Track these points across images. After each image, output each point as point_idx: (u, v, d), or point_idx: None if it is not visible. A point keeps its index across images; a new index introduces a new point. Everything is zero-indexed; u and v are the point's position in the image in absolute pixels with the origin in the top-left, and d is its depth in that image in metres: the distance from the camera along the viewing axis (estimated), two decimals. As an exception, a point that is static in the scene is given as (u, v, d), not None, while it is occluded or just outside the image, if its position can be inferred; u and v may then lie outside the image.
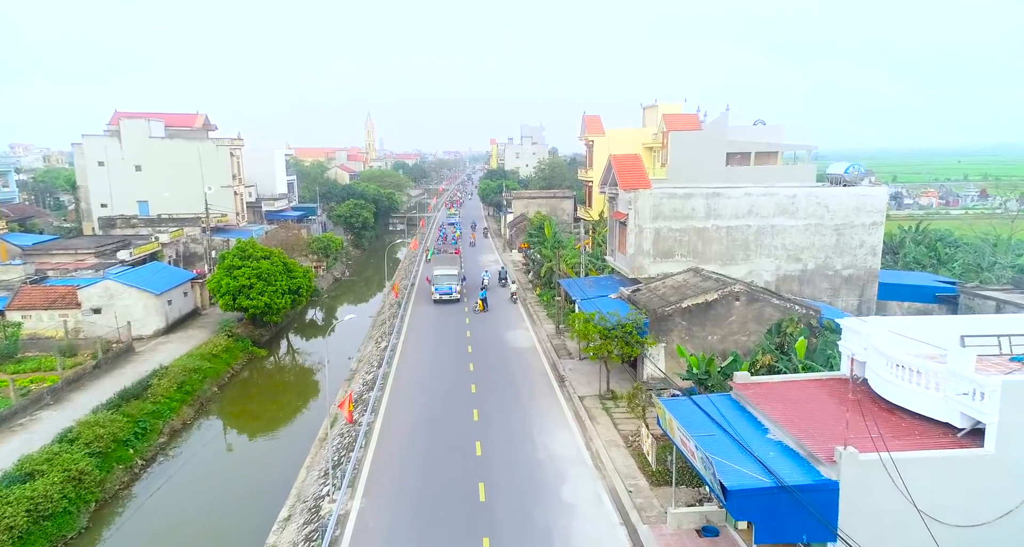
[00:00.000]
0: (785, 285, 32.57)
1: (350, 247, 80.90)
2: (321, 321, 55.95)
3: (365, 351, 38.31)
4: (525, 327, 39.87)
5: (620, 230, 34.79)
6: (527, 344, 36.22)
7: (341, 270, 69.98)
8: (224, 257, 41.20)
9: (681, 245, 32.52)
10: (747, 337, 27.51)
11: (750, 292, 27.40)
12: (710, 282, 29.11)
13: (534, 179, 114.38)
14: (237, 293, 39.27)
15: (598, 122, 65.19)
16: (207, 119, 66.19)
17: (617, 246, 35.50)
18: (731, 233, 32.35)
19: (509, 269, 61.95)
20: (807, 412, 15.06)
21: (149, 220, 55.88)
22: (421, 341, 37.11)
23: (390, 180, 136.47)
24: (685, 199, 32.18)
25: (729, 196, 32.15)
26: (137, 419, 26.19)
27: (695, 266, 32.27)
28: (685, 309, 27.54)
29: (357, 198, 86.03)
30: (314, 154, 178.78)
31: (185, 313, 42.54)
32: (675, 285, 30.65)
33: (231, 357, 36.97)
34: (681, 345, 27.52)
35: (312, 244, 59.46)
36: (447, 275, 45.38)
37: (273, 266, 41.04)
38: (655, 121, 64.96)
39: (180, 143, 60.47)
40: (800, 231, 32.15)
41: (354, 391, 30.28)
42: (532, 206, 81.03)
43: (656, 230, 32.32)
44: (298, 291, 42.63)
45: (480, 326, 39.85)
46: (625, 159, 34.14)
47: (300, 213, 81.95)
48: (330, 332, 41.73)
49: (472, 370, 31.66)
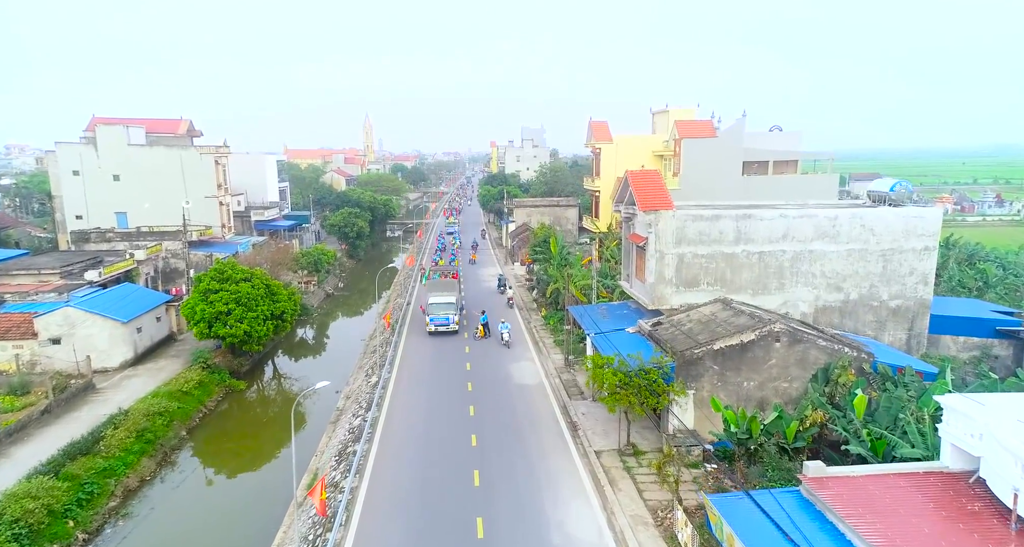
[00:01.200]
0: (824, 317, 28.99)
1: (344, 258, 77.31)
2: (312, 339, 52.41)
3: (354, 385, 34.66)
4: (530, 357, 36.24)
5: (638, 255, 31.20)
6: (534, 380, 32.59)
7: (334, 283, 66.39)
8: (200, 279, 37.56)
9: (708, 273, 28.93)
10: (788, 383, 23.89)
11: (792, 332, 23.77)
12: (743, 318, 25.49)
13: (535, 183, 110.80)
14: (213, 320, 35.63)
15: (605, 128, 61.60)
16: (192, 125, 62.56)
17: (634, 272, 31.90)
18: (764, 259, 28.76)
19: (511, 283, 58.69)
20: (914, 531, 11.45)
21: (126, 234, 52.21)
22: (415, 376, 33.48)
23: (387, 184, 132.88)
24: (712, 221, 28.58)
25: (762, 218, 28.55)
26: (83, 481, 22.55)
27: (723, 297, 28.67)
28: (717, 352, 23.91)
29: (352, 206, 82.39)
30: (311, 156, 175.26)
31: (158, 340, 38.89)
32: (702, 319, 27.05)
33: (205, 393, 33.32)
34: (713, 393, 23.93)
35: (301, 259, 55.77)
36: (444, 303, 40.15)
37: (254, 289, 37.41)
38: (666, 127, 61.41)
39: (161, 151, 56.82)
40: (842, 257, 28.56)
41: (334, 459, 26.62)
42: (535, 215, 77.37)
43: (680, 256, 28.74)
44: (282, 316, 39.00)
45: (482, 357, 36.21)
46: (644, 176, 30.54)
47: (292, 222, 78.38)
48: (297, 405, 37.09)
49: (473, 415, 28.02)
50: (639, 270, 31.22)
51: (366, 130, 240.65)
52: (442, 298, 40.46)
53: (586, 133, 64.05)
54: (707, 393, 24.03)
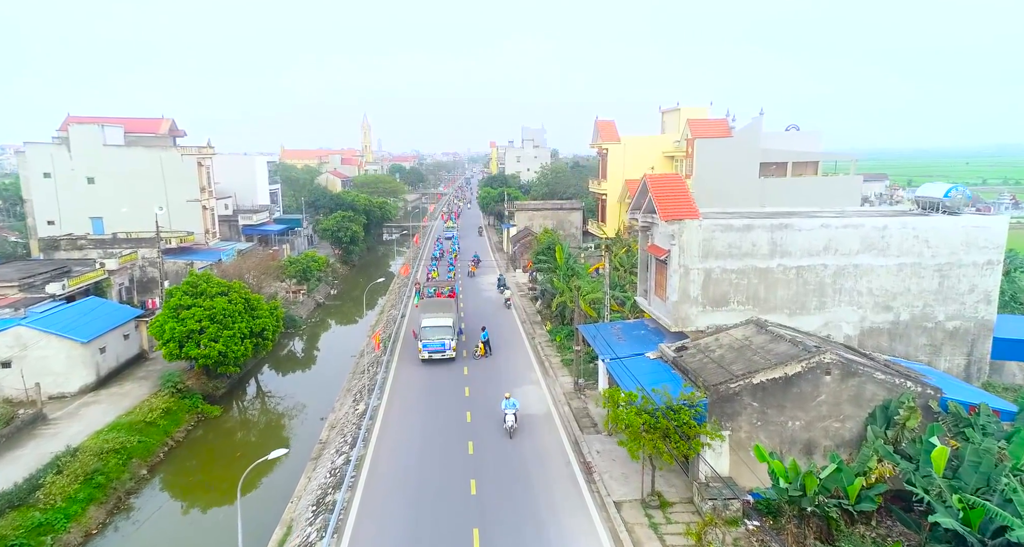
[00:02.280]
0: (871, 340, 25.56)
1: (338, 263, 73.83)
2: (300, 352, 48.95)
3: (340, 412, 31.17)
4: (536, 380, 32.77)
5: (658, 269, 27.75)
6: (540, 408, 29.11)
7: (326, 292, 62.88)
8: (171, 294, 34.10)
9: (738, 290, 25.49)
10: (841, 423, 20.47)
11: (846, 363, 20.32)
12: (783, 344, 22.05)
13: (536, 185, 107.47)
14: (184, 339, 32.19)
15: (612, 128, 58.19)
16: (174, 124, 59.09)
17: (653, 288, 28.46)
18: (802, 275, 25.31)
19: (513, 290, 55.34)
20: None
21: (100, 241, 48.75)
22: (408, 403, 30.01)
23: (384, 186, 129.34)
24: (744, 232, 25.14)
25: (800, 228, 25.11)
26: (9, 543, 19.06)
27: (756, 317, 25.24)
28: (757, 386, 20.48)
29: (346, 209, 78.88)
30: (308, 156, 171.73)
31: (125, 360, 35.41)
32: (734, 344, 23.62)
33: (172, 423, 29.83)
34: (752, 435, 20.51)
35: (289, 268, 52.27)
36: (439, 327, 34.72)
37: (231, 305, 33.96)
38: (676, 126, 58.00)
39: (139, 152, 53.36)
40: (892, 272, 25.11)
41: (311, 510, 23.10)
42: (537, 218, 74.06)
43: (707, 271, 25.30)
44: (262, 333, 35.54)
45: (481, 380, 32.72)
46: (665, 180, 27.11)
47: (283, 227, 74.97)
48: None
49: (472, 453, 24.55)
50: (659, 286, 27.79)
51: (364, 130, 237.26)
52: (437, 320, 35.17)
53: (592, 133, 60.65)
54: (745, 434, 20.61)
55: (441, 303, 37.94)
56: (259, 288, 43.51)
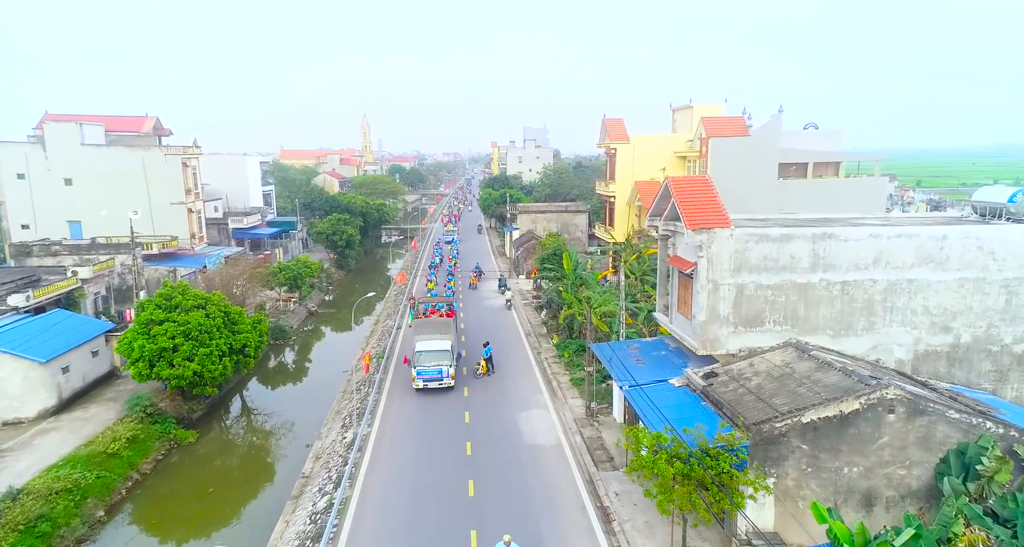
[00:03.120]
0: (926, 365, 22.50)
1: (332, 268, 70.82)
2: (291, 365, 45.95)
3: (327, 440, 28.12)
4: (543, 404, 29.71)
5: (681, 283, 24.69)
6: (549, 438, 26.06)
7: (319, 299, 59.85)
8: (143, 307, 31.09)
9: (774, 308, 22.45)
10: (907, 470, 17.41)
11: (912, 400, 17.26)
12: (833, 373, 19.01)
13: (539, 186, 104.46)
14: (156, 358, 29.16)
15: (621, 126, 55.14)
16: (158, 122, 56.09)
17: (675, 304, 25.39)
18: (848, 291, 22.26)
19: (515, 293, 52.44)
20: None
21: (76, 246, 45.72)
22: (401, 432, 26.99)
23: (383, 187, 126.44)
24: (782, 243, 22.10)
25: (846, 238, 22.06)
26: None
27: (795, 339, 22.21)
28: (807, 426, 17.44)
29: (342, 212, 75.87)
30: (307, 156, 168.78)
31: (93, 380, 32.39)
32: (772, 372, 20.59)
33: (139, 453, 26.78)
34: (800, 482, 17.47)
35: (279, 274, 49.23)
36: (435, 352, 30.65)
37: (209, 319, 30.94)
38: (689, 125, 54.94)
39: (120, 151, 50.37)
40: (951, 288, 22.06)
41: (292, 541, 20.05)
42: (540, 221, 70.98)
43: (739, 287, 22.26)
44: (243, 350, 32.51)
45: (483, 404, 29.69)
46: (692, 184, 24.07)
47: (276, 230, 71.90)
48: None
49: (472, 495, 21.51)
50: (682, 302, 24.73)
51: (364, 130, 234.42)
52: (433, 343, 30.92)
53: (599, 132, 57.57)
54: (792, 482, 17.56)
55: (438, 324, 33.47)
56: (243, 300, 40.48)
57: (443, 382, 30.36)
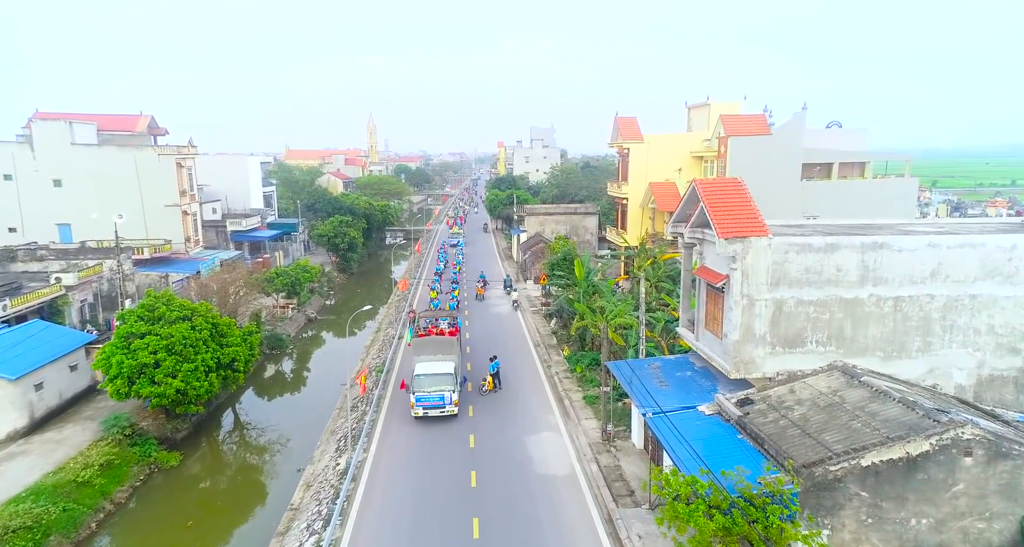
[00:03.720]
0: (991, 392, 19.99)
1: (334, 272, 68.64)
2: (288, 375, 43.72)
3: (319, 464, 25.81)
4: (554, 425, 27.31)
5: (710, 297, 22.22)
6: (561, 466, 23.66)
7: (319, 304, 57.65)
8: (123, 318, 28.89)
9: (817, 327, 19.99)
10: (986, 523, 14.95)
11: (993, 441, 14.78)
12: (892, 405, 16.56)
13: (546, 186, 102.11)
14: (136, 375, 26.94)
15: (634, 125, 52.65)
16: (153, 121, 54.01)
17: (703, 320, 22.93)
18: (901, 308, 19.77)
19: (522, 299, 50.09)
20: None
21: (64, 251, 43.61)
22: (399, 458, 24.65)
23: (388, 187, 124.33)
24: (826, 253, 19.64)
25: (900, 248, 19.57)
26: None
27: (840, 362, 19.75)
28: (867, 470, 14.99)
29: (344, 213, 73.68)
30: (312, 156, 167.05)
31: (71, 396, 30.20)
32: (818, 400, 18.14)
33: (114, 480, 24.55)
34: (860, 536, 15.02)
35: (276, 280, 46.98)
36: (436, 375, 27.38)
37: (195, 332, 28.71)
38: (705, 124, 52.42)
39: (112, 151, 48.31)
40: (1021, 304, 19.53)
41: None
42: (548, 223, 68.59)
43: (777, 303, 19.81)
44: (232, 364, 30.26)
45: (490, 425, 27.31)
46: (723, 187, 21.60)
47: (277, 232, 69.74)
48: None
49: (477, 537, 19.14)
50: (711, 319, 22.27)
51: (370, 130, 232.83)
52: (434, 366, 27.90)
53: (611, 131, 55.10)
54: (850, 535, 15.13)
55: (440, 343, 30.01)
56: (234, 310, 38.25)
57: (445, 410, 27.13)
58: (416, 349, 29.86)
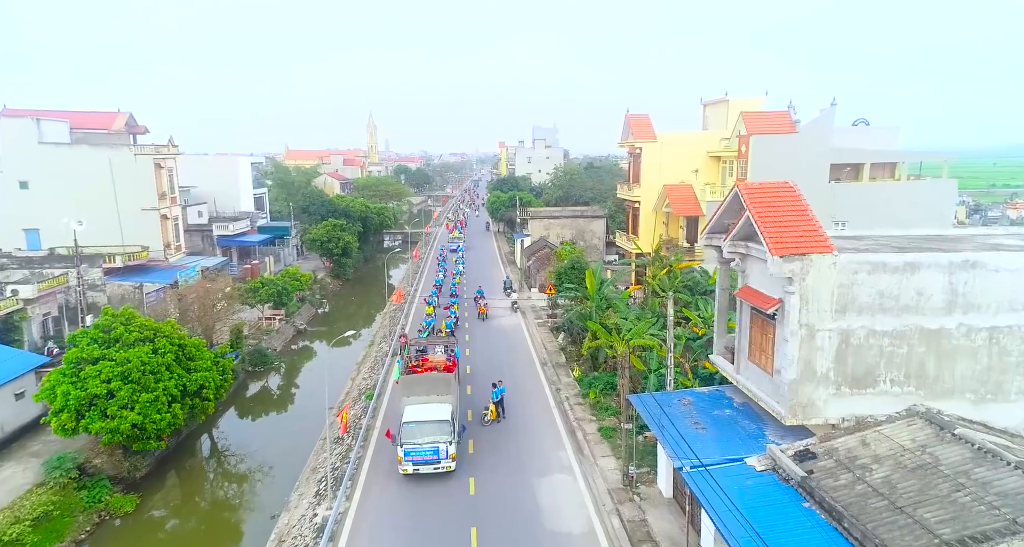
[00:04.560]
0: (1104, 444, 16.35)
1: (328, 278, 65.10)
2: (274, 392, 40.20)
3: (295, 512, 22.22)
4: (566, 465, 23.73)
5: (756, 324, 18.63)
6: (577, 520, 20.09)
7: (310, 314, 54.08)
8: (74, 341, 25.37)
9: (893, 363, 16.42)
10: None
11: None
12: (1006, 473, 13.00)
13: (549, 188, 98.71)
14: (85, 407, 23.41)
15: (647, 123, 49.09)
16: (132, 119, 50.48)
17: (747, 349, 19.34)
18: (998, 340, 16.19)
19: (528, 314, 46.42)
20: None
21: (29, 259, 40.11)
22: (385, 506, 21.11)
23: (387, 189, 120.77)
24: (905, 274, 16.07)
25: (997, 268, 15.99)
26: None
27: (922, 406, 16.19)
28: (990, 567, 11.39)
29: (339, 216, 70.11)
30: (312, 157, 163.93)
31: (17, 428, 26.60)
32: (902, 458, 14.58)
33: (51, 535, 20.98)
34: None
35: (261, 290, 43.39)
36: (429, 422, 22.34)
37: (157, 356, 25.19)
38: (723, 121, 48.87)
39: (84, 151, 44.84)
40: None
41: None
42: (554, 227, 65.07)
43: (844, 334, 16.25)
44: (200, 392, 26.70)
45: (492, 466, 23.74)
46: (773, 193, 18.01)
47: (267, 236, 66.27)
48: None
49: (477, 625, 15.58)
50: (758, 350, 18.67)
51: (370, 130, 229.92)
52: (426, 410, 22.97)
53: (621, 129, 51.55)
54: None
55: (433, 382, 24.77)
56: (211, 325, 34.76)
57: (440, 465, 22.15)
58: (405, 388, 24.81)
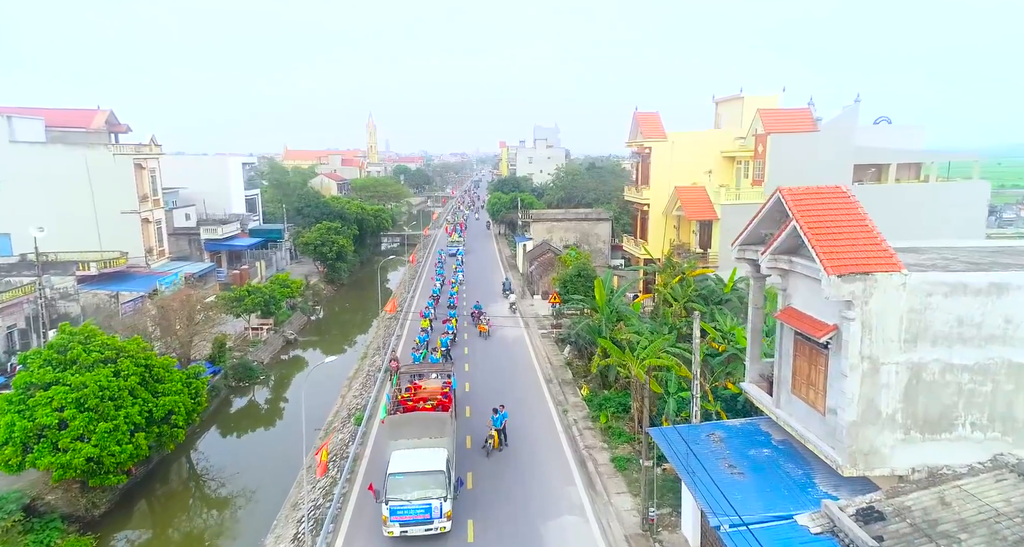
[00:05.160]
0: None
1: (321, 284, 62.42)
2: (265, 404, 37.56)
3: (269, 561, 19.55)
4: (578, 505, 21.03)
5: (804, 354, 15.92)
6: (592, 578, 17.40)
7: (301, 322, 51.34)
8: (25, 362, 22.69)
9: (974, 403, 13.77)
10: None
11: None
12: None
13: (551, 189, 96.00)
14: (33, 440, 20.76)
15: (657, 121, 46.44)
16: (113, 116, 47.82)
17: (790, 381, 16.64)
18: (1100, 377, 13.51)
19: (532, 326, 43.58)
20: None
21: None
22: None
23: (385, 189, 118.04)
24: (989, 297, 13.43)
25: (1101, 289, 13.32)
26: None
27: (1011, 456, 13.54)
28: None
29: (333, 219, 67.42)
30: (310, 157, 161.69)
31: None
32: (994, 524, 11.97)
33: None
34: None
35: (247, 299, 40.64)
36: (420, 474, 18.72)
37: (119, 380, 22.53)
38: (737, 120, 46.25)
39: (58, 150, 42.20)
40: None
41: None
42: (557, 230, 62.50)
43: (914, 368, 13.60)
44: (169, 418, 24.03)
45: (493, 504, 21.06)
46: (824, 201, 15.38)
47: (258, 240, 63.61)
48: None
49: None
50: (805, 383, 15.98)
51: (370, 130, 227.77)
52: (416, 458, 19.32)
53: (629, 128, 48.93)
54: None
55: (425, 423, 20.76)
56: (188, 340, 32.14)
57: (433, 526, 18.32)
58: (391, 430, 20.65)
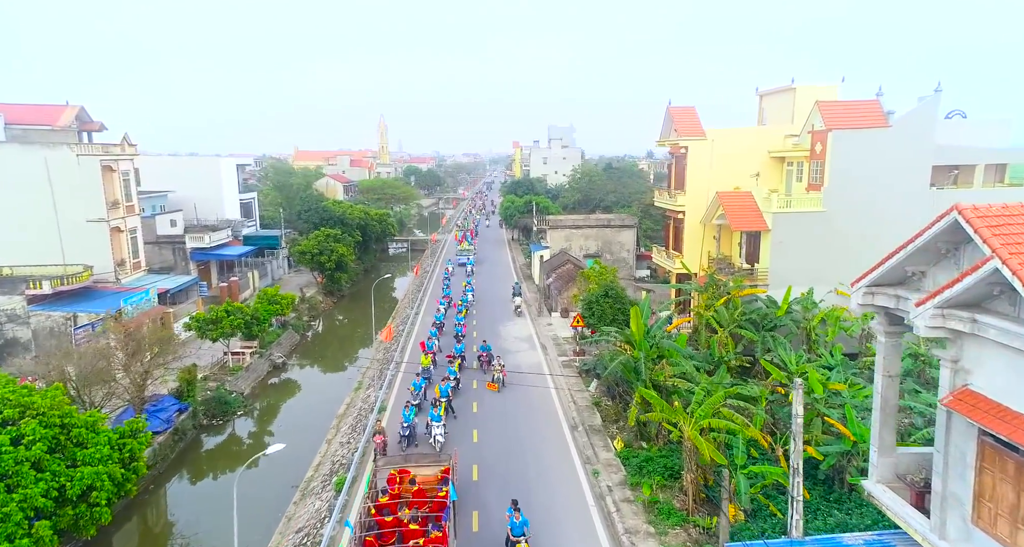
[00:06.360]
0: None
1: (318, 296, 57.23)
2: (241, 446, 32.30)
3: None
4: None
5: (1001, 466, 10.16)
6: None
7: (292, 343, 46.02)
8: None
9: None
10: None
11: None
12: None
13: (568, 191, 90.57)
14: None
15: (693, 116, 40.66)
16: (84, 113, 42.77)
17: (973, 504, 10.88)
18: None
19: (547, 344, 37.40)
20: None
21: (-66, 285, 32.54)
22: None
23: (394, 191, 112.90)
24: None
25: None
26: None
27: None
28: None
29: (334, 225, 62.29)
30: (320, 158, 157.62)
31: None
32: None
33: None
34: None
35: (224, 323, 35.23)
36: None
37: (18, 449, 17.26)
38: (787, 114, 40.39)
39: (13, 150, 37.25)
40: None
41: None
42: (575, 238, 56.91)
43: None
44: (87, 496, 18.68)
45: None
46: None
47: (252, 248, 58.50)
48: None
49: None
50: (1007, 515, 10.23)
51: (381, 131, 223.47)
52: None
53: (662, 125, 43.20)
54: None
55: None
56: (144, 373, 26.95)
57: None
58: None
